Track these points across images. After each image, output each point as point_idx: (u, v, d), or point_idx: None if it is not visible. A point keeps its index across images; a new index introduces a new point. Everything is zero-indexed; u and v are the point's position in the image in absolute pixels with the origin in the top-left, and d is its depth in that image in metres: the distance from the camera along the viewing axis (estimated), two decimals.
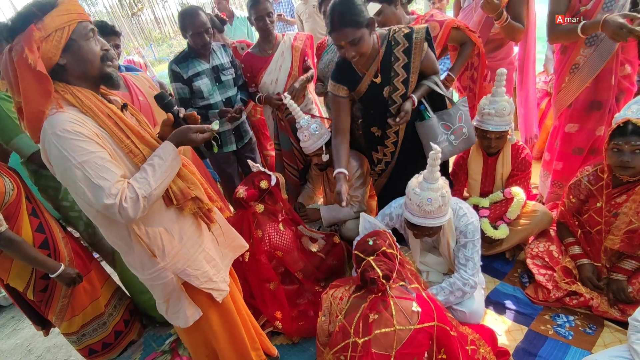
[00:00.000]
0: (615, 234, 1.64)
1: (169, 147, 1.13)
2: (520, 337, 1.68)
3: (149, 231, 1.15)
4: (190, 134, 1.15)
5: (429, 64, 1.77)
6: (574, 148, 2.11)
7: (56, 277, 1.68)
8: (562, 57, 2.02)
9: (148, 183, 1.05)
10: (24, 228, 1.68)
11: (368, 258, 1.32)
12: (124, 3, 10.37)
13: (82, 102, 1.04)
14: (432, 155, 1.42)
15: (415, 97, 1.77)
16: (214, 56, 2.33)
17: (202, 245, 1.30)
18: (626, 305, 1.61)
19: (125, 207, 1.00)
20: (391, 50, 1.70)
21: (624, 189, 1.61)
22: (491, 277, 2.03)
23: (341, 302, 1.37)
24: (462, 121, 1.91)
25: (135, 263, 1.20)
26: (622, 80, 1.95)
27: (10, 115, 1.63)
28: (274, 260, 2.01)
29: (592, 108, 1.99)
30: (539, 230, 2.00)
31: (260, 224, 2.01)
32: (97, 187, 0.99)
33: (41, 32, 0.97)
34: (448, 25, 2.07)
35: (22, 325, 2.72)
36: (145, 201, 1.05)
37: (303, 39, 2.49)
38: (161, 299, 1.28)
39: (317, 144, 2.18)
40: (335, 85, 1.85)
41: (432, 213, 1.49)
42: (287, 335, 1.93)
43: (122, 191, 1.01)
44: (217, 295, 1.31)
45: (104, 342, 2.02)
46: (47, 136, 0.99)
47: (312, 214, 2.54)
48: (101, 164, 1.00)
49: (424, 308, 1.25)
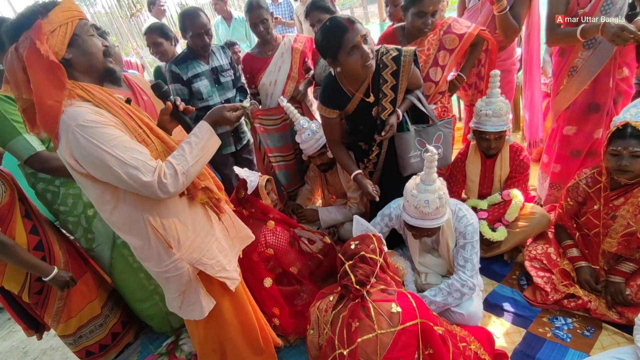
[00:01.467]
0: (613, 237, 1.64)
1: (204, 126, 1.18)
2: (518, 340, 1.68)
3: (164, 222, 1.17)
4: (225, 112, 1.23)
5: (413, 80, 1.79)
6: (572, 150, 2.12)
7: (49, 281, 1.67)
8: (560, 60, 2.02)
9: (185, 160, 1.10)
10: (18, 230, 1.66)
11: (346, 263, 1.30)
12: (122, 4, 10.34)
13: (93, 95, 1.07)
14: (429, 158, 1.42)
15: (400, 110, 1.78)
16: (213, 57, 2.33)
17: (215, 235, 1.33)
18: (624, 308, 1.61)
19: (165, 182, 1.04)
20: (379, 72, 1.72)
21: (622, 191, 1.61)
22: (489, 279, 2.02)
23: (326, 313, 1.36)
24: (440, 142, 1.89)
25: (153, 257, 1.21)
26: (620, 83, 1.95)
27: (8, 116, 1.61)
28: (271, 262, 2.00)
29: (590, 111, 2.00)
30: (537, 232, 2.00)
31: (253, 226, 2.00)
32: (133, 168, 1.01)
33: (48, 26, 1.00)
34: (468, 40, 2.02)
35: (18, 327, 2.69)
36: (184, 177, 1.09)
37: (303, 41, 2.49)
38: (176, 293, 1.28)
39: (318, 143, 2.19)
40: (325, 109, 1.85)
41: (429, 214, 1.49)
42: (285, 332, 1.91)
43: (159, 168, 1.05)
44: (230, 284, 1.34)
45: (101, 344, 2.00)
46: (70, 129, 0.99)
47: (310, 215, 2.54)
48: (130, 146, 1.03)
49: (404, 307, 1.22)
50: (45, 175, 1.76)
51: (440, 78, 2.11)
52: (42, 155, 1.66)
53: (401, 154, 1.89)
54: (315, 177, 2.67)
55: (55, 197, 1.80)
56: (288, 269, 2.02)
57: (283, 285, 2.03)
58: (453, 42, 2.03)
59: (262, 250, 1.97)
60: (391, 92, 1.75)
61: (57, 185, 1.78)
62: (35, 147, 1.65)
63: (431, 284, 1.82)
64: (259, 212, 2.03)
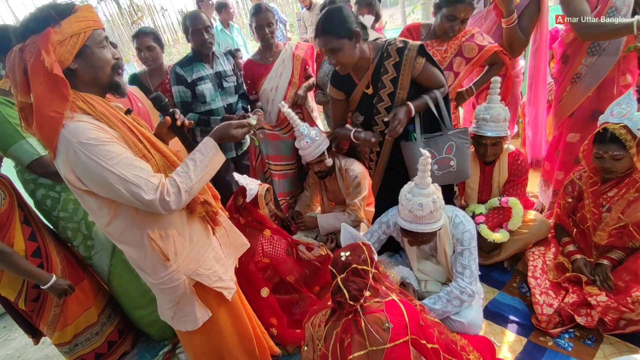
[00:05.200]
0: (604, 230, 1.68)
1: (209, 143, 1.16)
2: (519, 349, 1.66)
3: (163, 234, 1.16)
4: (232, 130, 1.20)
5: (425, 78, 1.70)
6: (576, 158, 2.11)
7: (47, 289, 1.65)
8: (564, 67, 2.01)
9: (189, 177, 1.09)
10: (16, 237, 1.65)
11: (338, 277, 1.28)
12: (123, 11, 10.45)
13: (94, 108, 1.04)
14: (422, 161, 1.43)
15: (412, 105, 1.67)
16: (218, 62, 2.35)
17: (211, 245, 1.32)
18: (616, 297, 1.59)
19: (167, 200, 1.04)
20: (382, 61, 1.69)
21: (614, 183, 1.66)
22: (490, 286, 2.01)
23: (319, 328, 1.34)
24: (452, 153, 1.77)
25: (148, 268, 1.20)
26: (623, 89, 1.96)
27: (10, 120, 1.58)
28: (268, 271, 1.99)
29: (594, 118, 1.99)
30: (538, 239, 2.00)
31: (249, 235, 1.98)
32: (135, 186, 1.01)
33: (58, 36, 0.97)
34: (488, 52, 1.98)
35: (13, 336, 2.67)
36: (187, 195, 1.08)
37: (304, 48, 2.51)
38: (169, 304, 1.27)
39: (317, 150, 2.18)
40: (333, 89, 1.86)
41: (424, 218, 1.50)
42: (283, 342, 1.89)
43: (162, 185, 1.04)
44: (227, 294, 1.33)
45: (97, 353, 1.97)
46: (71, 146, 0.97)
47: (309, 222, 2.53)
48: (131, 163, 1.02)
49: (396, 321, 1.19)
50: (46, 180, 1.75)
51: (451, 84, 2.08)
52: (45, 160, 1.65)
53: (409, 165, 1.84)
54: (315, 183, 2.66)
55: (55, 203, 1.79)
56: (285, 278, 2.00)
57: (281, 294, 2.01)
58: (472, 52, 2.01)
59: (259, 260, 1.95)
60: (390, 84, 1.70)
61: (57, 190, 1.77)
62: (38, 151, 1.63)
63: (430, 292, 1.80)
64: (256, 222, 2.00)
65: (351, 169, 2.36)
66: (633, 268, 1.63)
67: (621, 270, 1.67)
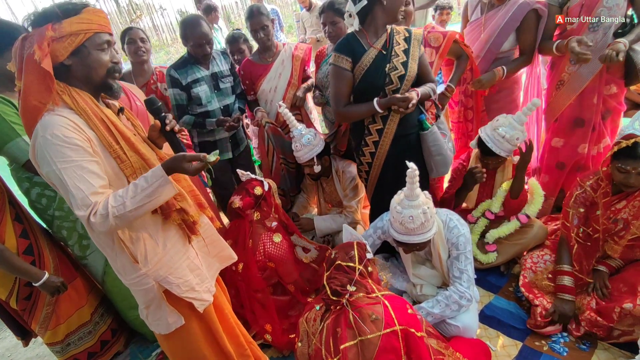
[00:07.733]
0: (619, 244, 1.65)
1: (157, 173, 1.09)
2: (514, 353, 1.66)
3: (133, 236, 1.16)
4: (184, 163, 1.12)
5: (424, 63, 1.84)
6: (558, 163, 2.15)
7: (40, 286, 1.62)
8: (551, 72, 2.08)
9: (124, 204, 1.04)
10: (8, 234, 1.63)
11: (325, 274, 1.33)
12: (122, 10, 10.41)
13: (77, 102, 1.07)
14: (410, 174, 1.43)
15: (420, 91, 1.76)
16: (214, 63, 2.32)
17: (187, 253, 1.30)
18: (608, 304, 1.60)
19: (92, 222, 1.03)
20: (393, 35, 1.78)
21: (623, 195, 1.63)
22: (486, 290, 2.01)
23: (315, 323, 1.35)
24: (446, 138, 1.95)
25: (118, 268, 1.21)
26: (609, 99, 1.98)
27: (6, 118, 1.57)
28: (267, 270, 1.98)
29: (576, 125, 2.04)
30: (535, 244, 2.00)
31: (254, 233, 1.98)
32: (71, 195, 1.02)
33: (54, 33, 1.01)
34: (451, 37, 2.13)
35: (3, 335, 2.63)
36: (117, 220, 1.04)
37: (304, 49, 2.51)
38: (142, 305, 1.28)
39: (310, 154, 2.17)
40: (338, 57, 1.78)
41: (415, 230, 1.50)
42: (278, 348, 1.89)
43: (93, 205, 1.03)
44: (198, 305, 1.30)
45: (90, 352, 1.95)
46: (37, 137, 1.03)
47: (306, 224, 2.52)
48: (79, 174, 1.02)
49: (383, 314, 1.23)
50: (41, 179, 1.72)
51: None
52: None
53: (438, 151, 1.88)
54: (312, 185, 2.65)
55: (51, 201, 1.77)
56: (286, 285, 2.01)
57: (278, 295, 2.01)
58: (438, 40, 2.16)
59: (260, 259, 1.95)
60: (403, 54, 1.77)
61: (53, 189, 1.75)
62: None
63: (426, 295, 1.80)
64: (270, 212, 2.06)
65: (348, 170, 2.35)
66: (631, 281, 1.62)
67: (619, 281, 1.66)
